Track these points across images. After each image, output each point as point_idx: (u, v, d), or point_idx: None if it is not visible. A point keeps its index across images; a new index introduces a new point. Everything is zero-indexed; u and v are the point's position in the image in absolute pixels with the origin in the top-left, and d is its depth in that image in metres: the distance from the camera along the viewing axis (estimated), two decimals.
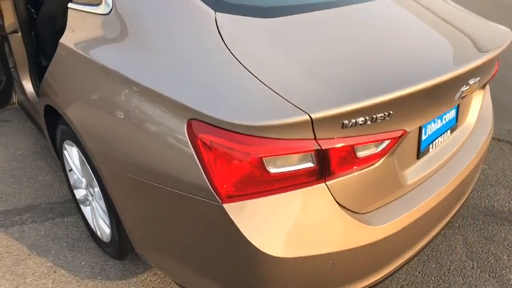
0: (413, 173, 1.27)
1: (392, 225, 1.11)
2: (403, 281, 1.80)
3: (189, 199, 1.01)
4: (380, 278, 1.19)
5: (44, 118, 1.74)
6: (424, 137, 1.30)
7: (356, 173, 1.04)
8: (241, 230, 0.94)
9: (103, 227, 1.67)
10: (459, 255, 1.96)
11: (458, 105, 1.46)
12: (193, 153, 0.96)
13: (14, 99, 2.33)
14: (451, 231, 2.12)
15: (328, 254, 1.01)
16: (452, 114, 1.45)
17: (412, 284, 1.79)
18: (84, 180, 1.70)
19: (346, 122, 0.93)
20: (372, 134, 1.00)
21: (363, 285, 1.16)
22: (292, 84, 0.95)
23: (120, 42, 1.21)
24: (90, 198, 1.73)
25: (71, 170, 1.81)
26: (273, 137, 0.90)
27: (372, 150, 1.03)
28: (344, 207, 1.06)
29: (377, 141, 1.01)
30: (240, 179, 0.94)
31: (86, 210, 1.83)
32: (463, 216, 2.23)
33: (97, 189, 1.59)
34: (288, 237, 0.98)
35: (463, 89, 1.21)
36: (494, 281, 1.83)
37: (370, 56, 1.10)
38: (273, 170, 0.93)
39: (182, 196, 1.02)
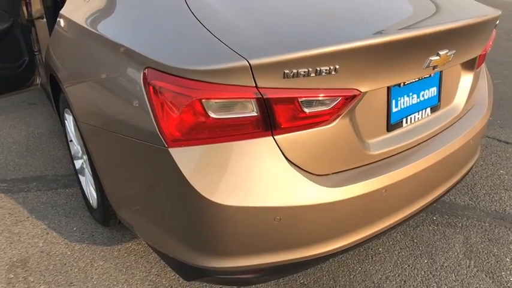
0: (381, 144, 1.24)
1: (350, 189, 1.09)
2: (390, 272, 1.72)
3: (143, 146, 1.07)
4: (334, 249, 1.16)
5: (51, 89, 1.90)
6: (394, 109, 1.27)
7: (308, 131, 1.04)
8: (185, 175, 0.98)
9: (93, 193, 1.76)
10: (456, 253, 1.84)
11: (440, 83, 1.41)
12: (146, 99, 1.02)
13: (37, 81, 2.55)
14: (452, 230, 2.00)
15: (274, 207, 1.01)
16: (432, 91, 1.40)
17: (398, 276, 1.71)
18: (79, 148, 1.82)
19: (287, 71, 0.94)
20: (318, 89, 1.00)
21: (315, 253, 1.13)
22: (235, 31, 0.99)
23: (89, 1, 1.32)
24: (84, 165, 1.85)
25: (71, 140, 1.95)
26: (214, 82, 0.94)
27: (322, 107, 1.03)
28: (296, 165, 1.06)
29: (324, 96, 1.01)
30: (184, 123, 0.98)
31: (83, 180, 1.95)
32: (467, 217, 2.11)
33: (87, 156, 1.70)
34: (232, 186, 1.00)
35: (432, 58, 1.18)
36: (491, 281, 1.70)
37: (318, 8, 1.10)
38: (214, 115, 0.97)
39: (138, 144, 1.08)
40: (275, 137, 1.02)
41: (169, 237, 1.16)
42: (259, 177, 1.01)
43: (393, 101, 1.25)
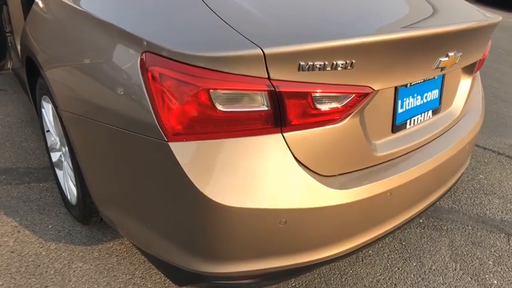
0: (386, 145, 1.21)
1: (357, 192, 1.05)
2: (380, 275, 1.70)
3: (138, 139, 0.97)
4: (338, 254, 1.11)
5: (26, 74, 1.74)
6: (400, 110, 1.24)
7: (317, 129, 0.99)
8: (186, 172, 0.90)
9: (72, 189, 1.63)
10: (443, 256, 1.86)
11: (442, 86, 1.40)
12: (143, 87, 0.92)
13: (9, 65, 2.35)
14: (438, 233, 2.02)
15: (280, 210, 0.95)
16: (435, 94, 1.38)
17: (389, 279, 1.69)
18: (57, 140, 1.68)
19: (303, 63, 0.88)
20: (333, 84, 0.95)
21: (319, 258, 1.08)
22: (248, 18, 0.92)
23: None
24: (62, 158, 1.71)
25: (48, 130, 1.79)
26: (223, 71, 0.86)
27: (335, 104, 0.98)
28: (304, 165, 1.00)
29: (339, 92, 0.96)
30: (188, 115, 0.89)
31: (60, 174, 1.80)
32: (452, 220, 2.14)
33: (67, 147, 1.57)
34: (237, 186, 0.92)
35: (442, 59, 1.15)
36: (476, 284, 1.72)
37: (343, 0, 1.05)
38: (222, 108, 0.89)
39: (131, 136, 0.98)
40: (284, 134, 0.96)
41: (162, 238, 1.07)
42: (266, 177, 0.94)
43: (399, 102, 1.22)
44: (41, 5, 1.42)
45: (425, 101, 1.34)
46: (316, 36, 0.88)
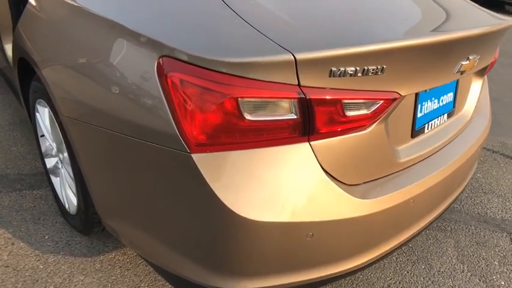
0: (407, 151, 1.17)
1: (382, 201, 1.01)
2: (391, 279, 1.68)
3: (155, 150, 0.90)
4: (362, 264, 1.08)
5: (18, 76, 1.63)
6: (419, 114, 1.21)
7: (344, 136, 0.94)
8: (210, 185, 0.84)
9: (71, 197, 1.54)
10: (450, 258, 1.85)
11: (456, 89, 1.38)
12: (162, 94, 0.85)
13: None
14: (443, 234, 2.02)
15: (307, 223, 0.90)
16: (450, 97, 1.36)
17: (399, 283, 1.67)
18: (54, 145, 1.58)
19: (334, 69, 0.84)
20: (362, 91, 0.90)
21: (344, 269, 1.04)
22: (275, 22, 0.86)
23: None
24: (59, 165, 1.61)
25: (42, 135, 1.69)
26: (251, 78, 0.81)
27: (363, 111, 0.93)
28: (330, 174, 0.95)
29: (368, 99, 0.92)
30: (212, 125, 0.83)
31: (56, 181, 1.70)
32: (455, 221, 2.14)
33: (66, 153, 1.48)
34: (264, 199, 0.87)
35: (463, 62, 1.13)
36: (485, 286, 1.72)
37: (367, 4, 1.01)
38: (249, 116, 0.83)
39: (148, 147, 0.91)
40: (311, 142, 0.91)
41: (178, 253, 1.01)
42: (293, 188, 0.89)
43: (419, 106, 1.19)
44: (38, 4, 1.32)
45: (441, 104, 1.32)
46: (348, 41, 0.83)
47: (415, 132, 1.21)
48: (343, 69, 0.84)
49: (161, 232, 1.03)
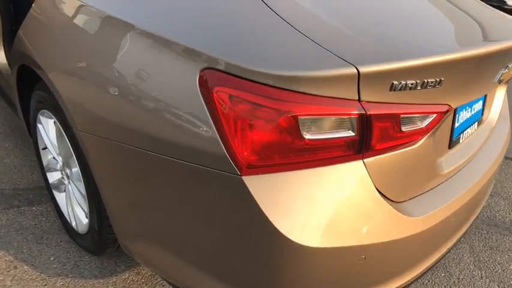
0: (446, 162, 1.13)
1: (431, 217, 0.96)
2: None
3: (198, 171, 0.82)
4: (408, 281, 1.03)
5: (17, 83, 1.50)
6: (456, 124, 1.17)
7: (395, 152, 0.89)
8: (263, 209, 0.76)
9: (79, 216, 1.43)
10: (467, 264, 1.84)
11: (485, 97, 1.35)
12: (206, 111, 0.77)
13: None
14: None
15: (361, 246, 0.84)
16: (480, 105, 1.33)
17: None
18: (60, 160, 1.46)
19: (396, 83, 0.78)
20: (419, 104, 0.85)
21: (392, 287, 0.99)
22: (330, 32, 0.79)
23: None
24: (65, 181, 1.49)
25: (44, 148, 1.57)
26: (310, 93, 0.74)
27: (417, 125, 0.88)
28: (380, 192, 0.90)
29: (424, 112, 0.87)
30: (266, 145, 0.76)
31: (60, 197, 1.58)
32: None
33: (75, 169, 1.36)
34: (317, 223, 0.80)
35: (503, 71, 1.09)
36: None
37: (423, 15, 0.96)
38: (308, 135, 0.76)
39: (189, 168, 0.83)
40: (364, 160, 0.84)
41: (219, 280, 0.93)
42: (347, 210, 0.83)
43: (457, 116, 1.15)
44: (48, 9, 1.20)
45: (473, 112, 1.28)
46: (411, 53, 0.78)
47: (453, 142, 1.17)
48: (405, 82, 0.78)
49: (198, 257, 0.94)
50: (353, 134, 0.80)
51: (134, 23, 0.91)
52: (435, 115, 0.90)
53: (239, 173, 0.77)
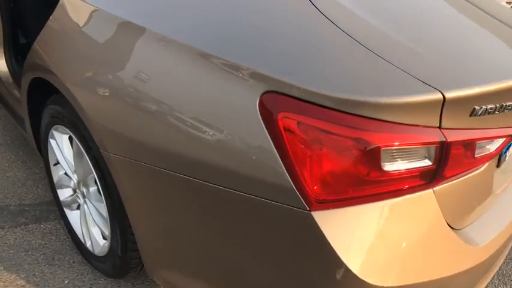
0: (497, 182, 1.08)
1: (493, 244, 0.91)
2: None
3: (258, 204, 0.73)
4: None
5: (27, 97, 1.39)
6: None
7: (462, 178, 0.83)
8: (332, 245, 0.69)
9: (96, 237, 1.33)
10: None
11: None
12: (269, 139, 0.69)
13: None
14: None
15: (431, 281, 0.78)
16: None
17: None
18: (74, 177, 1.36)
19: (477, 107, 0.72)
20: (493, 129, 0.79)
21: None
22: (404, 52, 0.72)
23: None
24: (80, 200, 1.39)
25: (56, 163, 1.46)
26: (391, 121, 0.67)
27: (487, 150, 0.82)
28: (446, 222, 0.83)
29: (498, 137, 0.81)
30: (339, 177, 0.68)
31: (72, 216, 1.47)
32: None
33: (94, 188, 1.27)
34: (390, 260, 0.74)
35: None
36: None
37: (479, 35, 0.90)
38: (387, 166, 0.69)
39: (245, 199, 0.75)
40: (434, 189, 0.78)
41: None
42: (418, 244, 0.77)
43: None
44: (73, 21, 1.07)
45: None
46: (493, 76, 0.72)
47: (500, 160, 1.12)
48: (485, 107, 0.72)
49: None
50: (430, 163, 0.73)
51: (191, 44, 0.80)
52: (504, 138, 0.84)
53: (308, 208, 0.69)
